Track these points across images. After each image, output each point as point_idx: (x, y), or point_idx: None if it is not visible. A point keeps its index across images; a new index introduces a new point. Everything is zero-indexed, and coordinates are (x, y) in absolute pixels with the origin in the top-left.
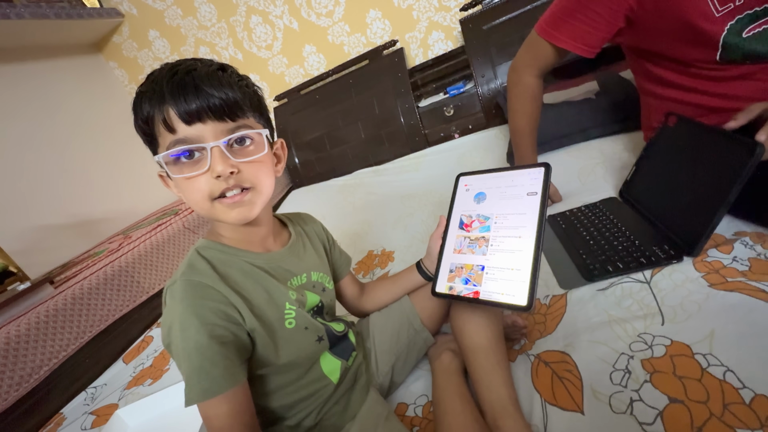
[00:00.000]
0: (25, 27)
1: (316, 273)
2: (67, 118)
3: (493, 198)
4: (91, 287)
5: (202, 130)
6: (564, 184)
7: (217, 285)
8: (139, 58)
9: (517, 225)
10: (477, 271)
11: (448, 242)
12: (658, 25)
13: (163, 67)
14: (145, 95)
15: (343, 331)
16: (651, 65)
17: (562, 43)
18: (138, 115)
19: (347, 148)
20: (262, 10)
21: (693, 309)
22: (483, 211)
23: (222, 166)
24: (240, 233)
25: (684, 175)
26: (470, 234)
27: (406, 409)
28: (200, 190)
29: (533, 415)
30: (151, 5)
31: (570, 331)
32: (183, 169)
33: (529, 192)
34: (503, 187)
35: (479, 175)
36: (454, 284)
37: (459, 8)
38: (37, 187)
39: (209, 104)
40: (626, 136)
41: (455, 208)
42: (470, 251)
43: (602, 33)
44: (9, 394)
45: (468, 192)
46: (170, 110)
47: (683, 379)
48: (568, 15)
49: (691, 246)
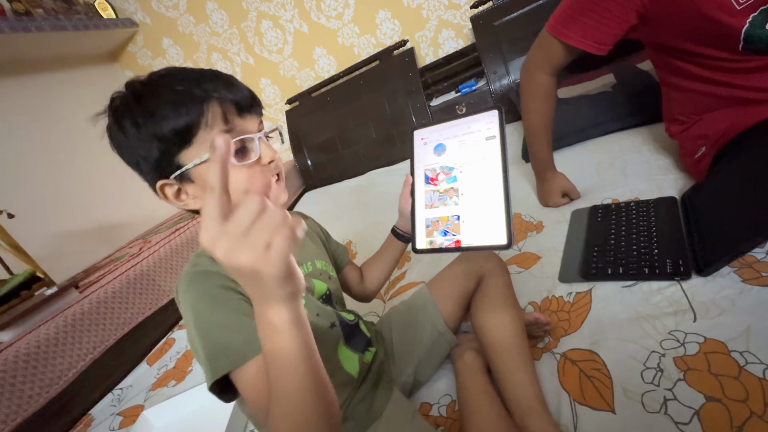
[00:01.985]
0: (45, 39)
1: (320, 261)
2: (86, 126)
3: (453, 148)
4: (114, 291)
5: (249, 122)
6: (582, 180)
7: (220, 269)
8: (153, 66)
9: (482, 170)
10: (453, 221)
11: (418, 199)
12: (673, 19)
13: (184, 72)
14: (185, 93)
15: (353, 321)
16: (671, 58)
17: (573, 41)
18: (166, 116)
19: (359, 148)
20: (272, 14)
21: (726, 305)
22: (446, 162)
23: (272, 152)
24: None
25: (748, 196)
26: (438, 187)
27: (429, 409)
28: (256, 178)
29: (562, 415)
30: (164, 14)
31: (596, 328)
32: (239, 159)
33: (487, 136)
34: (460, 135)
35: (434, 126)
36: (433, 238)
37: (469, 6)
38: (59, 194)
39: (252, 98)
40: (645, 129)
41: (417, 163)
42: (442, 204)
43: (613, 30)
44: (40, 395)
45: (426, 145)
46: (227, 103)
47: (719, 377)
48: (578, 13)
49: (707, 265)
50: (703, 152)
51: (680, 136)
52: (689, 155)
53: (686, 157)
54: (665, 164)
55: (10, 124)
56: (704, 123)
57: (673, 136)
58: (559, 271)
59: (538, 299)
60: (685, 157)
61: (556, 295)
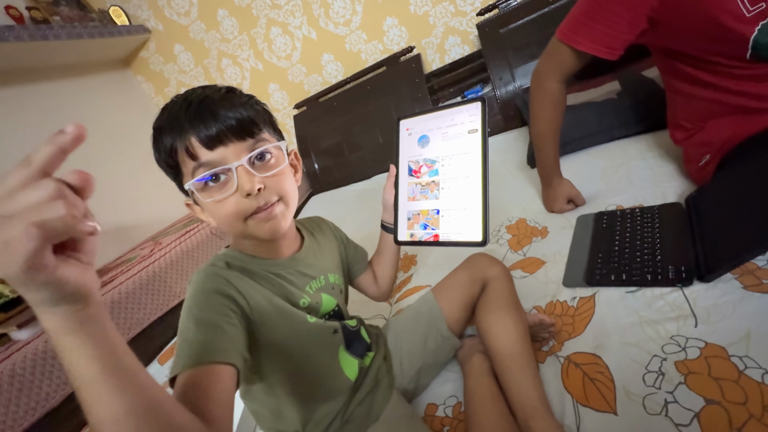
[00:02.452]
0: (62, 47)
1: (333, 275)
2: (98, 131)
3: (436, 140)
4: (128, 292)
5: (224, 152)
6: (587, 186)
7: (229, 276)
8: (165, 71)
9: (462, 164)
10: (433, 215)
11: (401, 191)
12: (683, 24)
13: (175, 101)
14: (164, 129)
15: (355, 327)
16: (678, 63)
17: (584, 47)
18: (160, 149)
19: (365, 153)
20: (282, 21)
21: (727, 310)
22: (428, 154)
23: (249, 184)
24: (266, 245)
25: (751, 205)
26: (420, 180)
27: (435, 410)
28: (230, 210)
29: (565, 416)
30: (176, 21)
31: (600, 332)
32: (212, 194)
33: (470, 130)
34: (444, 127)
35: (419, 116)
36: (414, 231)
37: (476, 13)
38: None
39: (227, 126)
40: (650, 136)
41: (401, 154)
42: (423, 197)
43: (624, 35)
44: (57, 392)
45: (411, 136)
46: (191, 138)
47: (719, 381)
48: (588, 18)
49: (710, 272)
50: (707, 159)
51: (684, 142)
52: (693, 162)
53: (690, 163)
54: (670, 171)
55: (27, 128)
56: (708, 130)
57: (677, 142)
58: (564, 276)
59: (543, 303)
60: (689, 163)
61: (560, 300)
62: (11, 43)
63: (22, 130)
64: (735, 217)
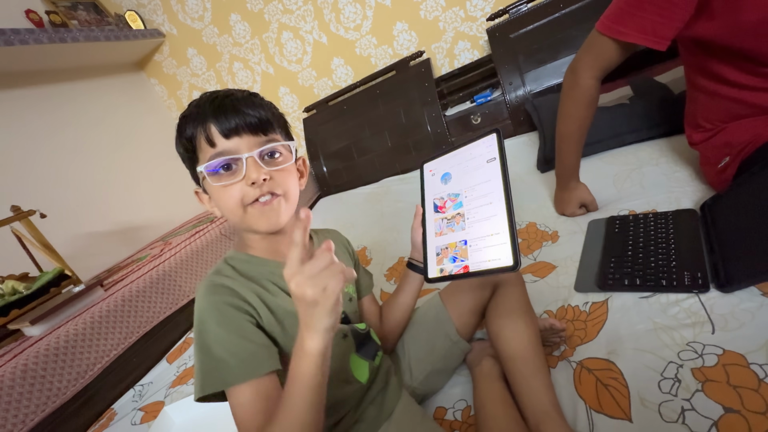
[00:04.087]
0: (79, 49)
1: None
2: (112, 132)
3: (458, 175)
4: (138, 290)
5: (238, 143)
6: (599, 191)
7: (236, 286)
8: (177, 74)
9: (485, 192)
10: (461, 246)
11: (429, 228)
12: (736, 15)
13: (203, 95)
14: (189, 118)
15: (365, 330)
16: (707, 59)
17: (630, 38)
18: (182, 135)
19: (374, 156)
20: (293, 26)
21: (746, 318)
22: (452, 189)
23: (256, 174)
24: (267, 242)
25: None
26: (446, 214)
27: (444, 413)
28: (234, 196)
29: (577, 422)
30: (190, 25)
31: (613, 338)
32: (221, 179)
33: (488, 159)
34: (464, 162)
35: (440, 158)
36: (443, 266)
37: (486, 18)
38: (85, 196)
39: (245, 121)
40: (663, 141)
41: (427, 194)
42: (450, 230)
43: (675, 22)
44: (68, 388)
45: (434, 176)
46: (212, 127)
47: (738, 389)
48: (635, 7)
49: (730, 283)
50: (727, 162)
51: (703, 145)
52: (712, 164)
53: (708, 166)
54: (683, 176)
55: (44, 129)
56: (729, 131)
57: (694, 144)
58: (575, 280)
59: (554, 308)
60: (706, 166)
61: (572, 305)
62: (31, 45)
63: (42, 129)
64: (756, 226)
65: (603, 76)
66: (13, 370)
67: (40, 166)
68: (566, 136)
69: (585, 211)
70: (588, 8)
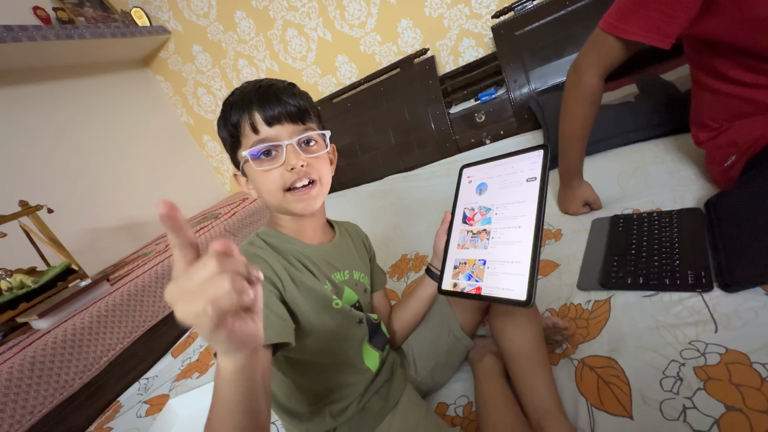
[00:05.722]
0: (86, 46)
1: (358, 273)
2: (118, 128)
3: (494, 188)
4: (144, 285)
5: (279, 131)
6: (603, 190)
7: (267, 257)
8: (183, 71)
9: (516, 214)
10: (479, 266)
11: (453, 237)
12: (743, 12)
13: (245, 85)
14: (234, 105)
15: (377, 320)
16: (713, 57)
17: (633, 36)
18: (228, 121)
19: (378, 154)
20: (297, 23)
21: (749, 317)
22: (484, 202)
23: (295, 160)
24: (297, 223)
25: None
26: (472, 228)
27: (446, 409)
28: (275, 181)
29: (579, 419)
30: (195, 22)
31: (615, 336)
32: (262, 164)
33: (528, 178)
34: (503, 175)
35: (481, 165)
36: (458, 281)
37: (491, 15)
38: (92, 191)
39: (286, 110)
40: (669, 139)
41: (459, 201)
42: (473, 245)
43: (680, 20)
44: (74, 380)
45: (471, 184)
46: (256, 115)
47: (740, 388)
48: (638, 5)
49: (736, 283)
50: (733, 160)
51: (708, 143)
52: (718, 163)
53: (714, 165)
54: (689, 175)
55: (51, 125)
56: (735, 130)
57: (699, 143)
58: (578, 279)
59: (556, 306)
60: (712, 164)
61: (575, 303)
62: (39, 42)
63: (49, 125)
64: (761, 225)
65: (606, 74)
66: (22, 362)
67: (48, 161)
68: (569, 135)
69: (588, 209)
70: (593, 6)
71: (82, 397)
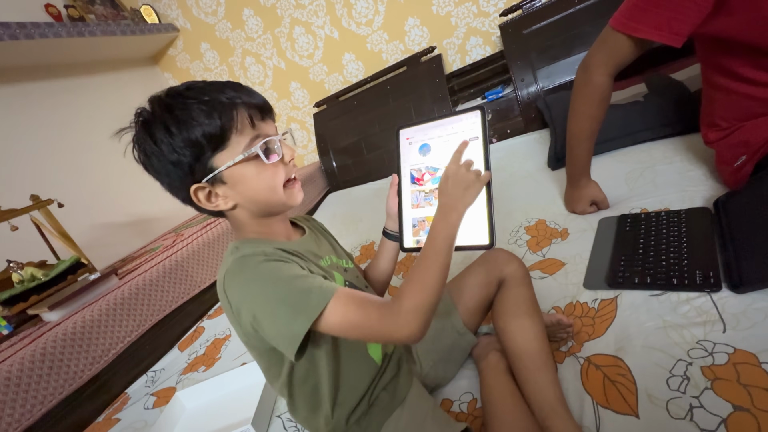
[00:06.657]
0: (96, 44)
1: (335, 257)
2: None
3: (438, 148)
4: (152, 279)
5: (270, 126)
6: (611, 189)
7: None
8: (191, 69)
9: None
10: None
11: (404, 199)
12: (758, 10)
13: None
14: (216, 106)
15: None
16: (725, 57)
17: (645, 34)
18: (203, 126)
19: (383, 152)
20: (305, 21)
21: (758, 317)
22: (431, 162)
23: (291, 152)
24: (272, 226)
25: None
26: (423, 188)
27: (450, 405)
28: (281, 176)
29: (584, 417)
30: (203, 20)
31: (621, 335)
32: (270, 159)
33: (471, 137)
34: (444, 135)
35: (419, 126)
36: (420, 237)
37: (498, 14)
38: (101, 187)
39: (268, 104)
40: (678, 139)
41: (403, 163)
42: (428, 204)
43: (692, 18)
44: (84, 372)
45: (411, 145)
46: (253, 110)
47: (749, 388)
48: (650, 3)
49: (745, 284)
50: (744, 160)
51: (719, 143)
52: (728, 163)
53: (724, 165)
54: (698, 175)
55: (62, 121)
56: (746, 130)
57: (709, 143)
58: (584, 278)
59: (562, 305)
60: (722, 164)
61: (581, 301)
62: (50, 39)
63: (60, 121)
64: None
65: (616, 73)
66: (33, 353)
67: (58, 157)
68: (577, 134)
69: (596, 209)
70: (602, 4)
71: (90, 389)
